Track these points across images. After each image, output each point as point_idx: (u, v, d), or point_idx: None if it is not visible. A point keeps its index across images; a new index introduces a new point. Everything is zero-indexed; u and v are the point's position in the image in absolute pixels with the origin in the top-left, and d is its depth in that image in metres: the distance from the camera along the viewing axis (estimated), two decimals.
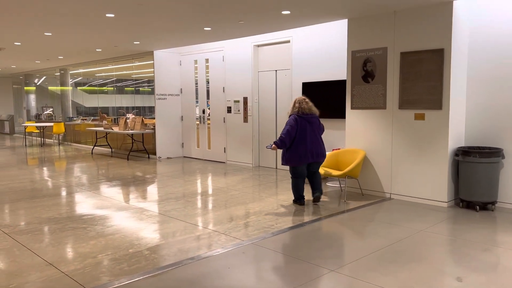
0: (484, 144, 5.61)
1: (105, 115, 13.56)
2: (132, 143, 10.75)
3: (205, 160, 10.05)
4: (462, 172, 5.39)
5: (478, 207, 5.29)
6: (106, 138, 11.96)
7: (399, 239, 4.23)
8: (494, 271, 3.44)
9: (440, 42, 5.40)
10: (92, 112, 15.24)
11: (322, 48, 7.51)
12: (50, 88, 17.48)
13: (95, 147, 12.09)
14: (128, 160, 10.29)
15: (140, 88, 13.31)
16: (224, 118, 9.49)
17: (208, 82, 9.94)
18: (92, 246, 4.08)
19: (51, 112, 16.40)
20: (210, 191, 6.64)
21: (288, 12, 5.98)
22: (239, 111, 9.09)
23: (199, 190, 6.73)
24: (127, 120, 10.83)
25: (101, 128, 11.52)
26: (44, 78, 17.50)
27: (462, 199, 5.43)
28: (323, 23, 7.15)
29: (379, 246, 4.04)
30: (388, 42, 5.89)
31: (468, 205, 5.45)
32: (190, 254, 3.86)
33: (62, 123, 14.08)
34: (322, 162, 5.72)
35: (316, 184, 5.68)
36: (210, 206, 5.70)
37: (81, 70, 14.55)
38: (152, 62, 10.32)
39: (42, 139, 14.56)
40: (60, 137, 14.78)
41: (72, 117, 15.03)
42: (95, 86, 15.07)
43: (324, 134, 7.09)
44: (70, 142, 14.41)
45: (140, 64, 11.46)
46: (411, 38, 5.66)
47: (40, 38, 8.28)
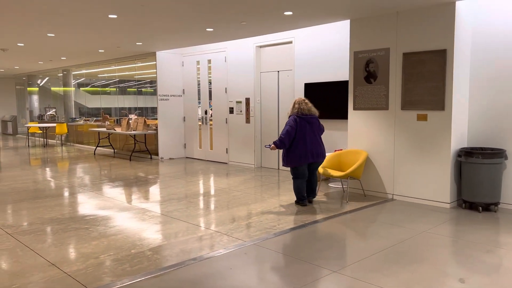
0: (486, 145, 5.60)
1: (107, 115, 13.59)
2: (135, 143, 10.78)
3: (207, 160, 10.06)
4: (464, 173, 5.38)
5: (481, 208, 5.28)
6: (109, 139, 12.00)
7: (402, 240, 4.23)
8: (497, 273, 3.43)
9: (442, 43, 5.39)
10: (95, 113, 15.26)
11: (324, 49, 7.50)
12: (53, 89, 17.53)
13: (98, 148, 12.12)
14: (130, 160, 10.30)
15: (143, 89, 13.33)
16: (226, 119, 9.49)
17: (210, 83, 9.95)
18: (94, 247, 4.09)
19: (53, 113, 16.45)
20: (212, 192, 6.65)
21: (290, 13, 5.98)
22: (241, 111, 9.09)
23: (201, 191, 6.73)
24: (130, 121, 10.85)
25: (103, 129, 11.54)
26: (47, 79, 17.55)
27: (465, 200, 5.42)
28: (326, 24, 7.15)
29: (381, 247, 4.03)
30: (391, 42, 5.88)
31: (471, 206, 5.44)
32: (192, 254, 3.86)
33: (65, 124, 14.12)
34: (321, 163, 5.75)
35: (312, 186, 5.73)
36: (212, 206, 5.70)
37: (83, 71, 14.59)
38: (154, 63, 10.34)
39: (45, 139, 14.61)
40: (63, 137, 14.83)
41: (74, 117, 15.08)
42: (97, 87, 15.08)
43: (327, 135, 7.11)
44: (73, 142, 14.45)
45: (142, 65, 11.48)
46: (414, 38, 5.65)
47: (43, 39, 8.31)
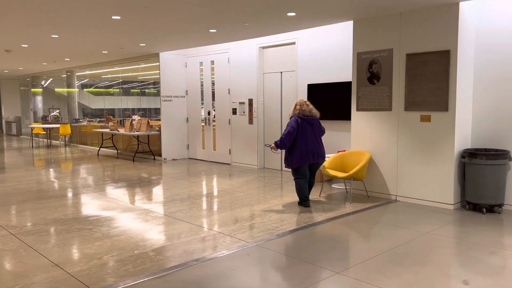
0: (490, 146, 5.58)
1: (111, 116, 13.63)
2: (138, 144, 10.80)
3: (210, 161, 10.06)
4: (468, 174, 5.36)
5: (484, 209, 5.26)
6: (112, 140, 12.03)
7: (405, 242, 4.21)
8: (500, 274, 3.41)
9: (446, 44, 5.38)
10: (98, 114, 15.32)
11: (327, 49, 7.49)
12: (56, 89, 17.60)
13: (101, 149, 12.15)
14: (133, 161, 10.32)
15: (146, 90, 13.37)
16: (229, 120, 9.50)
17: (213, 84, 9.96)
18: (97, 247, 4.10)
19: (57, 113, 16.52)
20: (215, 193, 6.65)
21: (293, 14, 5.98)
22: (244, 112, 9.10)
23: (204, 192, 6.73)
24: (133, 122, 10.87)
25: (107, 130, 11.58)
26: (50, 80, 17.62)
27: (469, 202, 5.40)
28: (329, 25, 7.14)
29: (385, 248, 4.02)
30: (394, 43, 5.87)
31: (475, 207, 5.42)
32: (195, 255, 3.86)
33: (69, 125, 14.16)
34: (321, 163, 5.78)
35: (309, 186, 5.75)
36: (215, 207, 5.70)
37: (87, 72, 14.64)
38: (157, 64, 10.36)
39: (49, 140, 14.65)
40: (67, 138, 14.88)
41: (78, 118, 15.13)
42: (101, 88, 15.14)
43: (330, 135, 7.10)
44: (76, 143, 14.49)
45: (146, 66, 11.51)
46: (417, 39, 5.63)
47: (47, 40, 8.35)
